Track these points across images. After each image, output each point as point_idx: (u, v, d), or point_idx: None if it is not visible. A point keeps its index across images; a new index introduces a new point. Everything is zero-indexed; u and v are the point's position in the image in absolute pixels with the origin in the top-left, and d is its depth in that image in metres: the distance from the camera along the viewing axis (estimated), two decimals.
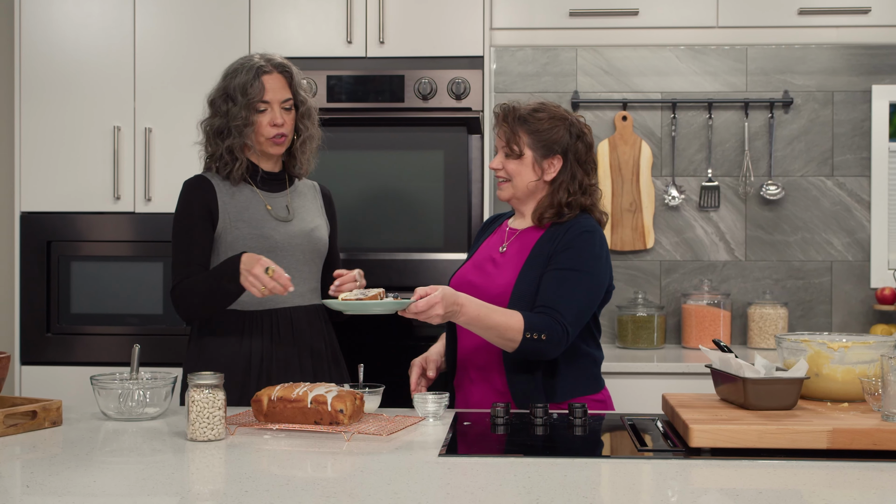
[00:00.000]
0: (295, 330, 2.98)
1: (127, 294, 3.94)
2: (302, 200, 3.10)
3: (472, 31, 3.89)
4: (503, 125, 2.86)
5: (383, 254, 3.87)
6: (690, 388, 3.55)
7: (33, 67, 3.98)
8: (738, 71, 4.43)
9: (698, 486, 1.95)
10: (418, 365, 2.90)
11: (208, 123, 3.02)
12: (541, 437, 2.36)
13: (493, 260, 2.89)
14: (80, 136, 3.98)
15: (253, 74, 2.95)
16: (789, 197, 4.42)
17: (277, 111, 2.97)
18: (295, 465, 2.08)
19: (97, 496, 1.84)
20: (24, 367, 3.96)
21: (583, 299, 2.74)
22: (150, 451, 2.22)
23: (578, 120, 2.89)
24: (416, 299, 2.56)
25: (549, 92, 4.46)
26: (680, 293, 4.42)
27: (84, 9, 3.98)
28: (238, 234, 2.94)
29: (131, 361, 2.63)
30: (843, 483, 1.95)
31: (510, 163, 2.85)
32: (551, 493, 1.84)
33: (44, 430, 2.42)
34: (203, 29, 3.95)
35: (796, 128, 4.42)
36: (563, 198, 2.84)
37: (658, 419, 2.54)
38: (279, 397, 2.40)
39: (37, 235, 3.96)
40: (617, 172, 4.42)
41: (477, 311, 2.64)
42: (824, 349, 2.40)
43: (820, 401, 2.43)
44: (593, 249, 2.78)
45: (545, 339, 2.64)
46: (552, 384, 2.77)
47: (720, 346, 2.53)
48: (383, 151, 3.90)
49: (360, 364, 2.72)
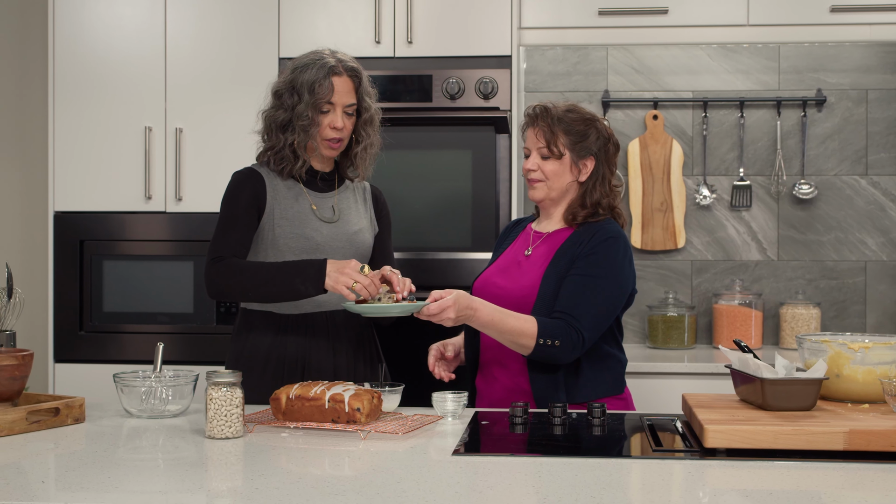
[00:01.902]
0: (332, 333, 2.97)
1: (158, 293, 3.99)
2: (349, 202, 3.07)
3: (500, 31, 3.89)
4: (541, 126, 2.85)
5: (411, 253, 3.88)
6: (720, 388, 3.52)
7: (66, 69, 4.03)
8: (771, 69, 4.40)
9: (711, 486, 1.94)
10: (436, 348, 2.90)
11: (271, 115, 2.95)
12: (557, 437, 2.36)
13: (518, 263, 2.90)
14: (112, 137, 4.02)
15: (324, 73, 2.89)
16: (822, 196, 4.38)
17: (339, 115, 2.92)
18: (307, 463, 2.10)
19: (109, 492, 1.86)
20: (58, 365, 4.02)
21: (602, 305, 2.75)
22: (169, 448, 2.24)
23: (604, 122, 2.92)
24: (430, 302, 2.58)
25: (579, 91, 4.45)
26: (711, 293, 4.39)
27: (116, 10, 4.02)
28: (280, 231, 2.92)
29: (154, 359, 2.66)
30: (860, 485, 1.92)
31: (548, 164, 2.85)
32: (559, 493, 1.83)
33: (66, 426, 2.45)
34: (233, 30, 3.98)
35: (829, 126, 4.38)
36: (597, 197, 2.85)
37: (678, 419, 2.53)
38: (297, 395, 2.41)
39: (70, 235, 4.01)
40: (647, 172, 4.40)
41: (490, 317, 2.66)
42: (845, 349, 2.38)
43: (840, 402, 2.41)
44: (616, 255, 2.78)
45: (558, 345, 2.66)
46: (574, 384, 2.77)
47: (741, 346, 2.51)
48: (411, 151, 3.91)
49: (381, 363, 2.73)
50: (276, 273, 2.79)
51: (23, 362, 2.41)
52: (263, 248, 2.94)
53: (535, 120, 2.87)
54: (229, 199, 2.94)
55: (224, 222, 2.91)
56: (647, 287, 4.42)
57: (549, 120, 2.84)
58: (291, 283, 2.76)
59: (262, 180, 2.95)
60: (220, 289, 2.85)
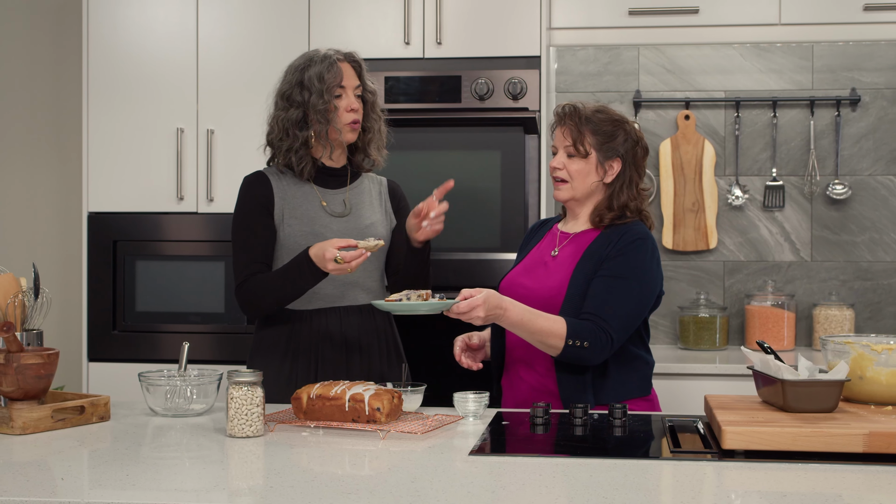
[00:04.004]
0: (345, 329, 2.99)
1: (189, 292, 4.02)
2: (362, 196, 3.10)
3: (529, 31, 3.89)
4: (568, 124, 2.85)
5: (440, 253, 3.88)
6: (751, 390, 3.45)
7: (100, 72, 4.08)
8: (804, 68, 4.36)
9: (726, 488, 1.93)
10: (461, 338, 2.89)
11: (283, 117, 2.99)
12: (577, 438, 2.36)
13: (544, 263, 2.89)
14: (144, 139, 4.07)
15: (329, 63, 2.96)
16: (856, 196, 4.33)
17: (352, 96, 2.99)
18: (325, 462, 2.11)
19: (126, 489, 1.88)
20: (92, 364, 4.06)
21: (631, 307, 2.75)
22: (190, 446, 2.26)
23: (634, 125, 2.91)
24: (460, 300, 2.59)
25: (610, 91, 4.43)
26: (743, 294, 4.36)
27: (149, 13, 4.06)
28: (290, 230, 2.96)
29: (179, 359, 2.69)
30: (879, 487, 1.90)
31: (573, 163, 2.85)
32: (572, 493, 1.83)
33: (91, 424, 2.48)
34: (264, 32, 4.01)
35: (864, 126, 4.34)
36: (624, 200, 2.84)
37: (699, 421, 2.52)
38: (318, 395, 2.43)
39: (103, 235, 4.06)
40: (679, 172, 4.38)
41: (520, 316, 2.65)
42: (868, 351, 2.35)
43: (864, 404, 2.39)
44: (644, 257, 2.78)
45: (587, 346, 2.66)
46: (601, 386, 2.76)
47: (764, 347, 2.50)
48: (440, 152, 3.91)
49: (403, 363, 2.74)
50: (283, 281, 2.86)
51: (48, 361, 2.44)
52: (278, 249, 2.98)
53: (563, 118, 2.87)
54: (241, 208, 3.00)
55: (240, 235, 2.98)
56: (679, 288, 4.40)
57: (576, 119, 2.84)
58: (297, 283, 2.84)
59: (268, 181, 3.00)
60: (255, 310, 2.97)
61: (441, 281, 3.85)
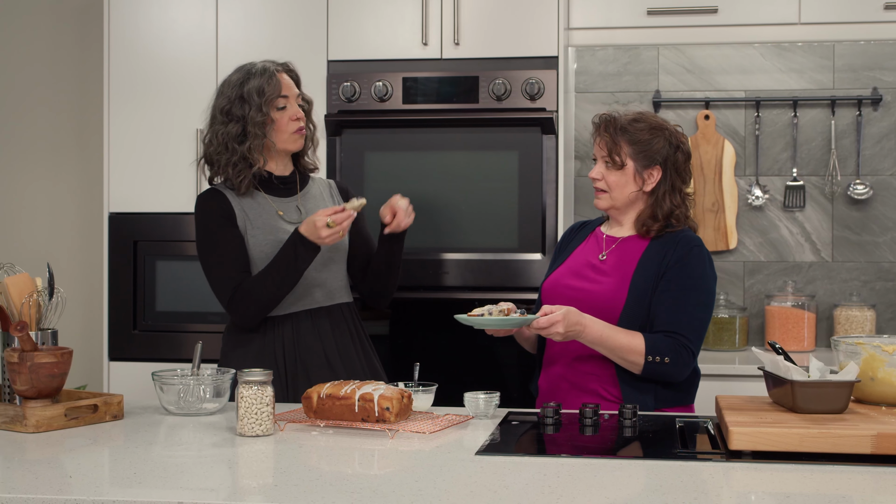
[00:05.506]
0: (318, 331, 3.01)
1: (209, 292, 4.01)
2: (314, 200, 3.12)
3: (547, 32, 3.89)
4: (604, 135, 2.84)
5: (458, 254, 3.89)
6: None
7: (121, 74, 4.11)
8: (825, 68, 4.33)
9: (730, 489, 1.93)
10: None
11: (224, 132, 2.99)
12: (585, 438, 2.36)
13: (593, 266, 2.87)
14: (164, 139, 4.10)
15: (267, 76, 2.98)
16: (878, 196, 4.30)
17: (295, 106, 3.03)
18: (333, 461, 2.12)
19: (132, 487, 1.90)
20: (112, 363, 4.10)
21: (702, 318, 2.79)
22: (200, 445, 2.28)
23: (676, 129, 2.88)
24: (540, 315, 2.61)
25: (630, 91, 4.42)
26: (763, 294, 4.34)
27: (169, 15, 4.09)
28: (254, 241, 2.98)
29: (193, 358, 2.71)
30: (886, 489, 1.90)
31: (611, 174, 2.84)
32: (573, 493, 1.84)
33: (105, 423, 2.51)
34: (282, 34, 4.03)
35: (886, 125, 4.31)
36: (669, 208, 2.83)
37: (710, 421, 2.51)
38: (328, 394, 2.44)
39: (124, 235, 4.09)
40: (699, 172, 4.36)
41: (600, 333, 2.68)
42: (879, 352, 2.34)
43: (875, 405, 2.37)
44: (704, 264, 2.80)
45: (668, 362, 2.68)
46: (663, 393, 2.78)
47: (775, 348, 2.49)
48: (458, 152, 3.92)
49: (416, 363, 2.75)
50: (278, 270, 2.89)
51: (62, 360, 2.47)
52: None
53: (599, 129, 2.87)
54: (204, 224, 2.99)
55: (215, 252, 2.98)
56: None
57: (612, 129, 2.83)
58: (294, 265, 2.87)
59: (225, 197, 3.00)
60: (256, 313, 2.96)
61: (458, 281, 3.87)
